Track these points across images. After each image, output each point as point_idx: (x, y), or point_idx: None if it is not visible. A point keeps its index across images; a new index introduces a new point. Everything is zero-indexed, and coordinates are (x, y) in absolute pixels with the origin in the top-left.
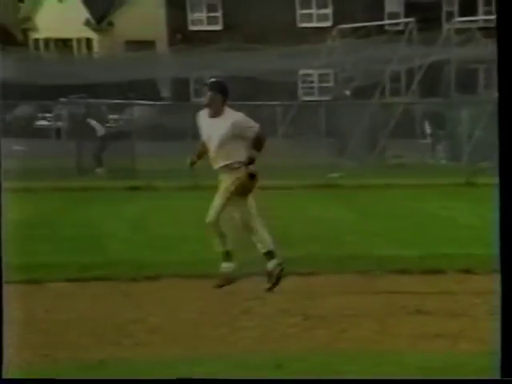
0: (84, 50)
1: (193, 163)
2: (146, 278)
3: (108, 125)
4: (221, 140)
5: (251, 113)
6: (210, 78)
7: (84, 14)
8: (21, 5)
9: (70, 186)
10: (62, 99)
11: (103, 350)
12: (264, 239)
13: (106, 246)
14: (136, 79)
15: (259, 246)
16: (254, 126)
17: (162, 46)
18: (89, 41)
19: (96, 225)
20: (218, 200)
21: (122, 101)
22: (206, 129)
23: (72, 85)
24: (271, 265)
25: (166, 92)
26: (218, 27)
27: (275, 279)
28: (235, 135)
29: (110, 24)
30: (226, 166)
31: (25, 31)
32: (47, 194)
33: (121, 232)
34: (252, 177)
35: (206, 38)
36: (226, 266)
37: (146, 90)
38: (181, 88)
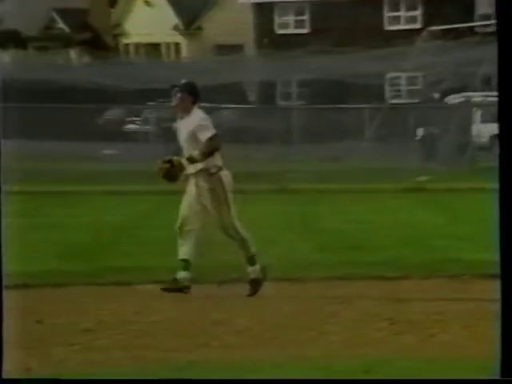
0: (173, 54)
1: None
2: (232, 281)
3: None
4: (185, 141)
5: (339, 116)
6: (181, 81)
7: (173, 18)
8: (112, 10)
9: (158, 188)
10: (151, 103)
11: (191, 352)
12: (188, 248)
13: None
14: (223, 83)
15: (181, 250)
16: (208, 131)
17: (250, 49)
18: (177, 45)
19: None
20: (220, 211)
21: (209, 104)
22: (179, 132)
23: (160, 89)
24: (181, 275)
25: (252, 95)
26: (306, 30)
27: (177, 288)
28: (194, 137)
29: (199, 28)
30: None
31: (116, 37)
32: (137, 196)
33: (208, 234)
34: (169, 162)
35: (293, 41)
36: (251, 270)
37: (233, 93)
38: (268, 91)
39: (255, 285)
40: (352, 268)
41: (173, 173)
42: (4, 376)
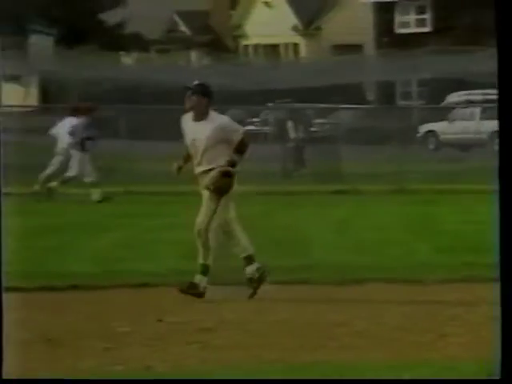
0: (291, 54)
1: (179, 169)
2: (351, 282)
3: (313, 129)
4: (206, 144)
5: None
6: (194, 82)
7: (292, 19)
8: (232, 12)
9: (274, 189)
10: (269, 104)
11: (309, 353)
12: (242, 243)
13: (310, 249)
14: (342, 83)
15: (237, 250)
16: (239, 130)
17: (369, 49)
18: (296, 46)
19: (301, 228)
20: (205, 207)
21: (327, 105)
22: (190, 133)
23: (279, 90)
24: (250, 270)
25: (371, 95)
26: (427, 29)
27: (256, 284)
28: (220, 139)
29: (318, 28)
30: (209, 170)
31: (235, 38)
32: (254, 196)
33: (326, 235)
34: (226, 175)
35: (413, 40)
36: (198, 279)
37: (351, 93)
38: (387, 91)
39: (193, 287)
40: (472, 270)
41: (229, 184)
42: (4, 376)
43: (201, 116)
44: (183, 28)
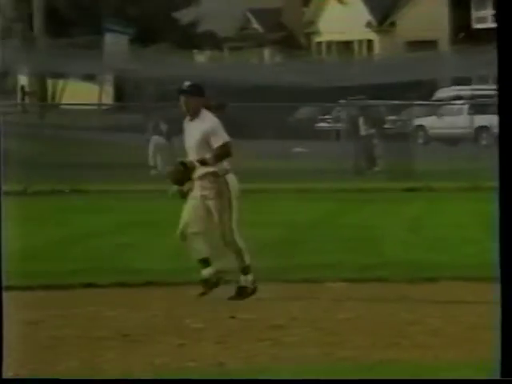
0: (365, 51)
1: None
2: (424, 280)
3: (386, 126)
4: (195, 144)
5: None
6: (185, 84)
7: (366, 15)
8: (305, 9)
9: (347, 186)
10: (342, 101)
11: (381, 351)
12: (199, 246)
13: (383, 246)
14: (416, 80)
15: (195, 253)
16: (221, 137)
17: (444, 45)
18: (370, 42)
19: (373, 225)
20: (221, 216)
21: (400, 102)
22: (186, 134)
23: (352, 86)
24: (207, 272)
25: None
26: None
27: (210, 286)
28: (206, 141)
29: (392, 25)
30: (202, 171)
31: (308, 35)
32: (326, 194)
33: (398, 233)
34: (183, 165)
35: (490, 36)
36: (244, 280)
37: (426, 90)
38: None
39: (241, 292)
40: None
41: (184, 175)
42: (4, 376)
43: (194, 116)
44: (256, 25)
